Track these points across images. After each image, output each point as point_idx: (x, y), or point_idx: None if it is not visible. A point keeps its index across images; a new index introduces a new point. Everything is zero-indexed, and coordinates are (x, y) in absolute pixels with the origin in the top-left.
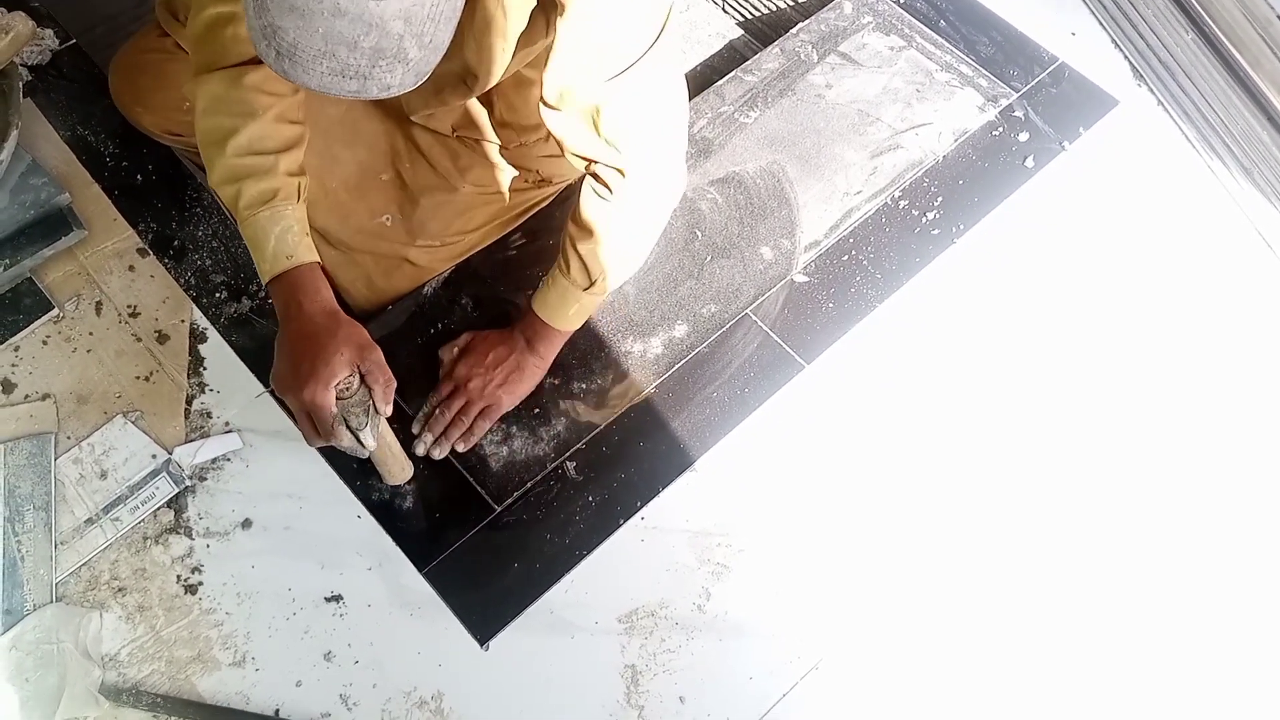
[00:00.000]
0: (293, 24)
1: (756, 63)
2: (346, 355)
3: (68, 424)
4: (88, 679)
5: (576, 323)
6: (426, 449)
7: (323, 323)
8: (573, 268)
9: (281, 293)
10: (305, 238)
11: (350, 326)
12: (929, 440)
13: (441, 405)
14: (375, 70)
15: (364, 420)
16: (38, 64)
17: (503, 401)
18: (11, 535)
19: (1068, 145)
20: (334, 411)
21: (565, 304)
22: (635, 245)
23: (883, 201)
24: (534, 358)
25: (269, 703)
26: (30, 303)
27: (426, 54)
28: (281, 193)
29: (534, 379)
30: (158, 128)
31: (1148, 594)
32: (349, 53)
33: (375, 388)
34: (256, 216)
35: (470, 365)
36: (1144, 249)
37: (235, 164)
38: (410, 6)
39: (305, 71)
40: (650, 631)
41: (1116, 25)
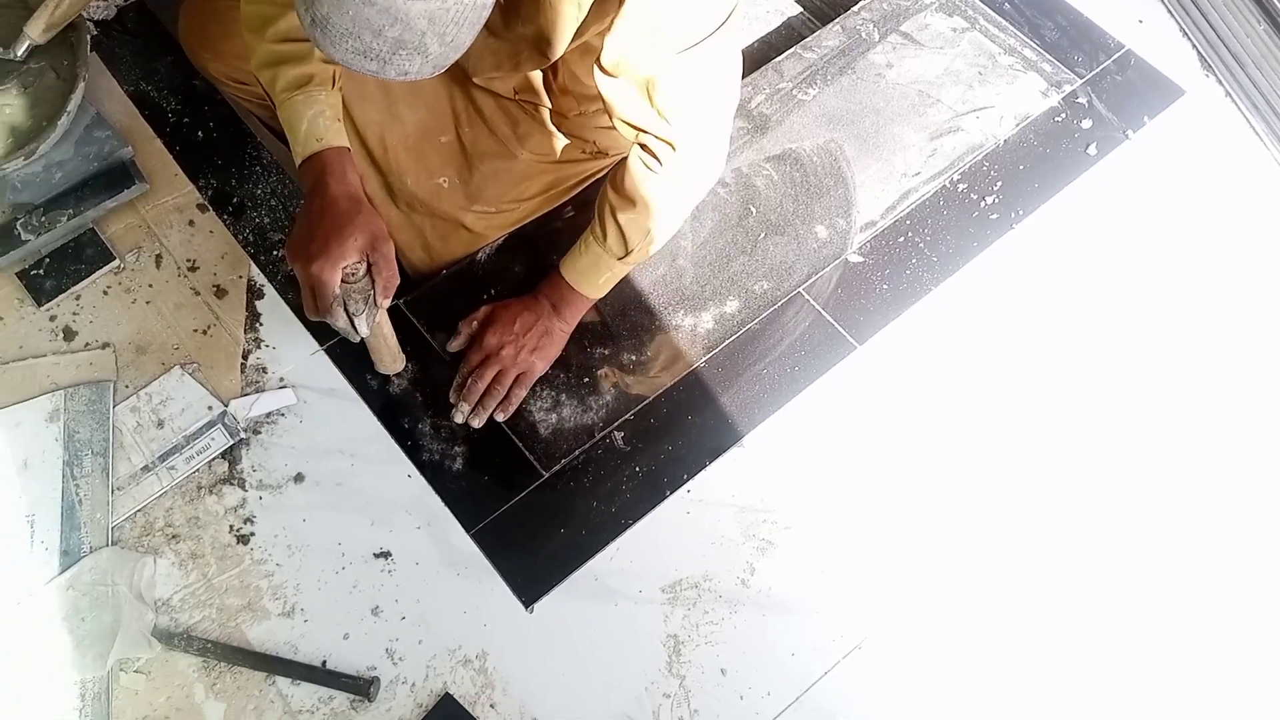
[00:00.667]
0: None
1: (817, 40)
2: (360, 241)
3: (126, 373)
4: (141, 622)
5: (604, 290)
6: (465, 417)
7: (345, 206)
8: (609, 236)
9: (310, 172)
10: (337, 123)
11: (370, 215)
12: (978, 425)
13: (475, 374)
14: (395, 58)
15: (361, 308)
16: (103, 19)
17: (535, 366)
18: (70, 479)
19: (1131, 134)
20: (336, 292)
21: (597, 271)
22: (674, 219)
23: (941, 184)
24: (560, 322)
25: (316, 653)
26: (92, 253)
27: (446, 50)
28: (316, 78)
29: (561, 343)
30: (223, 75)
31: (1194, 583)
32: (373, 38)
33: (378, 279)
34: (292, 100)
35: (499, 333)
36: (1206, 242)
37: (273, 49)
38: (436, 9)
39: (332, 45)
40: (693, 603)
41: (1185, 13)
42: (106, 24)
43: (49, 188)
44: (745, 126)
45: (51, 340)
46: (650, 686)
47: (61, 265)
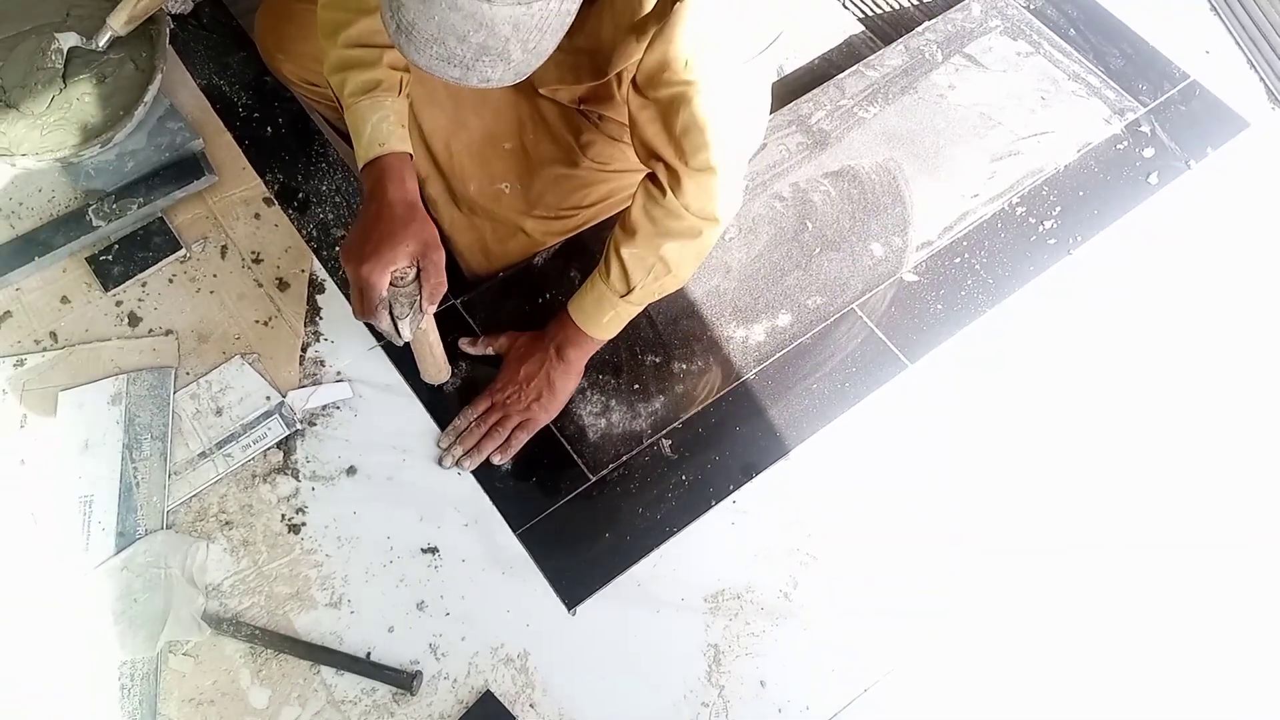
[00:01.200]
0: (414, 5)
1: (880, 58)
2: (411, 247)
3: (188, 360)
4: (192, 605)
5: (610, 331)
6: (455, 461)
7: (400, 211)
8: (612, 272)
9: (371, 176)
10: (400, 129)
11: (424, 223)
12: (1028, 449)
13: (478, 420)
14: (478, 64)
15: (406, 311)
16: (180, 13)
17: (539, 418)
18: (129, 461)
19: (1194, 164)
20: (383, 295)
21: (600, 310)
22: (679, 258)
23: (999, 206)
24: (562, 365)
25: (361, 645)
26: (160, 241)
27: (529, 58)
28: (384, 84)
29: (566, 389)
30: (296, 76)
31: (1242, 635)
32: (457, 43)
33: (426, 285)
34: (358, 104)
35: (504, 380)
36: (1265, 276)
37: (344, 54)
38: (521, 15)
39: (416, 50)
40: (735, 614)
41: (1254, 45)
42: (183, 19)
43: (121, 176)
44: (804, 142)
45: (117, 325)
46: (689, 695)
47: (129, 252)
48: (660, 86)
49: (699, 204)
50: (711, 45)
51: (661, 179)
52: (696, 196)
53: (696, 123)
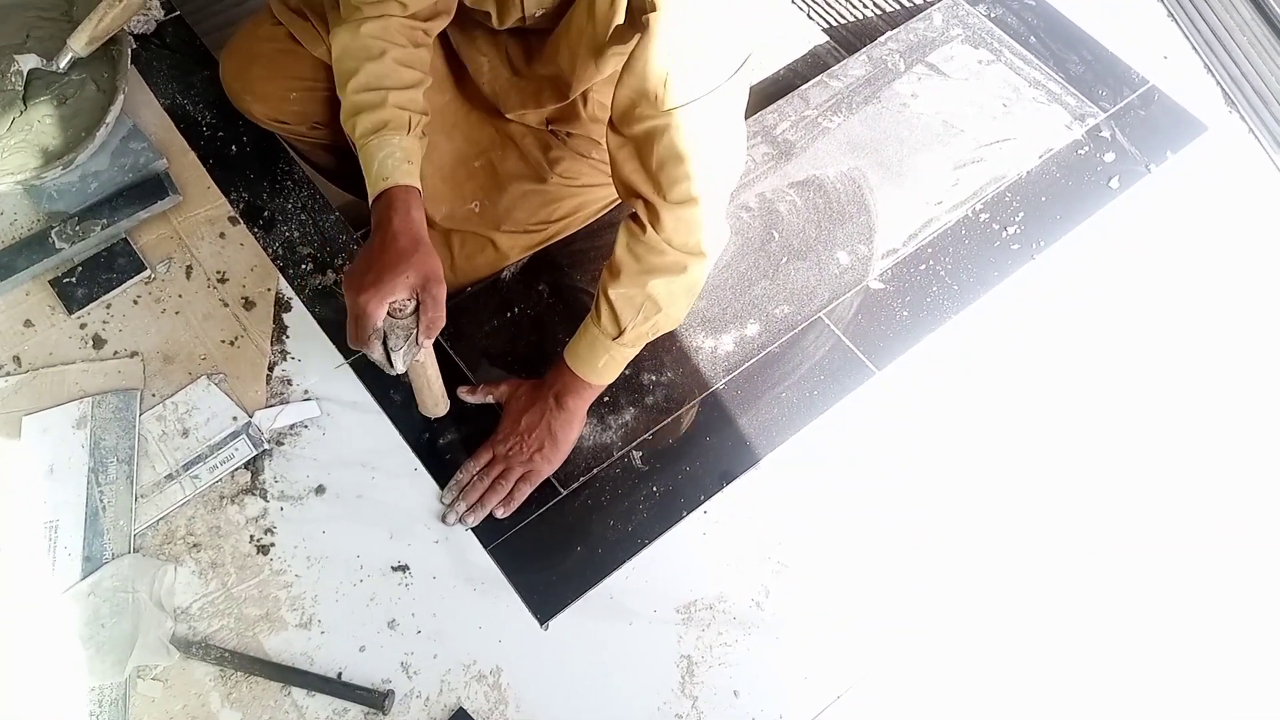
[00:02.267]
0: None
1: (843, 68)
2: (411, 280)
3: (153, 382)
4: (160, 629)
5: (608, 376)
6: (458, 518)
7: (404, 243)
8: (603, 314)
9: (378, 210)
10: (407, 164)
11: (428, 255)
12: (996, 453)
13: (481, 474)
14: None
15: (401, 344)
16: (143, 33)
17: (541, 469)
18: (95, 485)
19: (1154, 168)
20: (378, 325)
21: (595, 355)
22: (666, 296)
23: (963, 213)
24: (563, 414)
25: (332, 665)
26: (124, 262)
27: None
28: (391, 124)
29: (568, 437)
30: (266, 117)
31: (1232, 624)
32: None
33: (424, 318)
34: (367, 144)
35: (506, 432)
36: (1227, 277)
37: (355, 100)
38: None
39: None
40: (708, 624)
41: (1210, 50)
42: (145, 38)
43: (84, 197)
44: (770, 153)
45: (81, 348)
46: (663, 707)
47: (93, 274)
48: (634, 122)
49: (680, 238)
50: (679, 76)
51: (641, 215)
52: (677, 231)
53: (672, 155)
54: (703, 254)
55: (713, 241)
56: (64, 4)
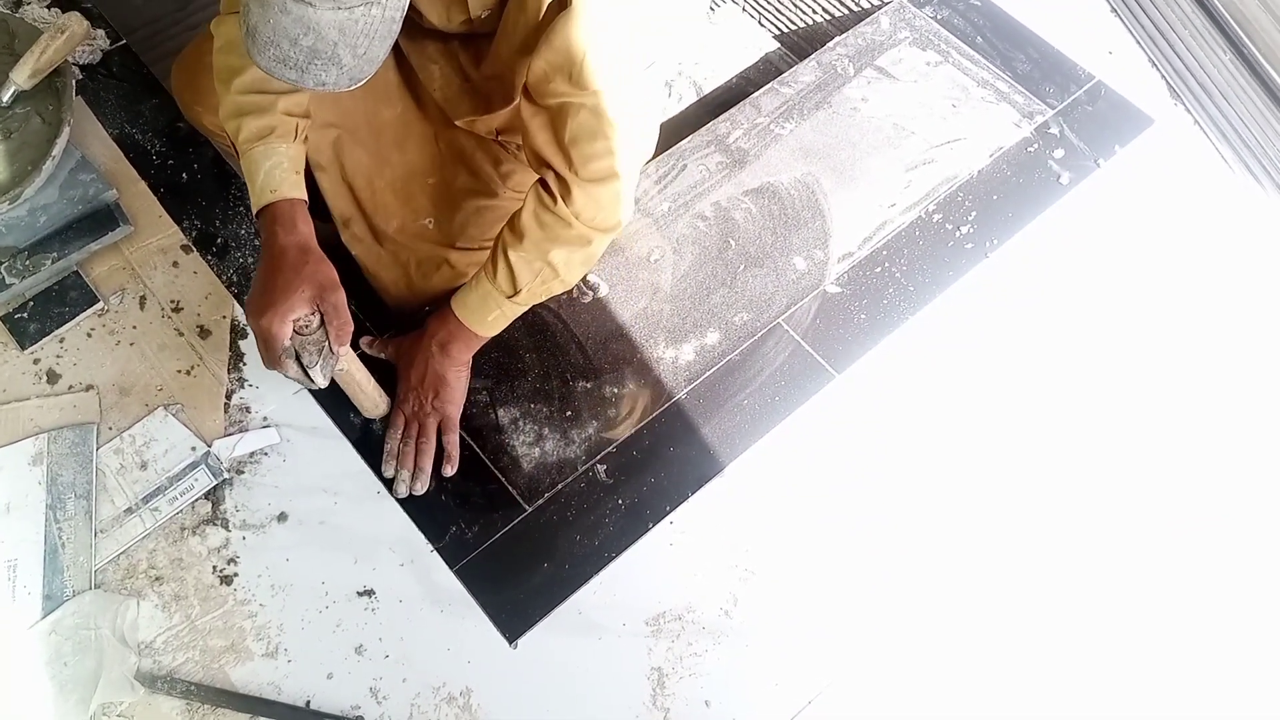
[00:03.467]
0: (257, 10)
1: (793, 75)
2: (308, 293)
3: (110, 415)
4: (124, 665)
5: (494, 329)
6: (408, 486)
7: (293, 257)
8: (499, 273)
9: (265, 224)
10: (294, 175)
11: (318, 264)
12: (957, 452)
13: (403, 439)
14: (311, 67)
15: (315, 359)
16: (89, 63)
17: (449, 411)
18: (53, 522)
19: (1103, 163)
20: (286, 344)
21: (485, 308)
22: (567, 263)
23: (916, 215)
24: (450, 362)
25: (300, 694)
26: (76, 296)
27: (360, 64)
28: (278, 130)
29: (460, 380)
30: (216, 127)
31: (1174, 616)
32: (290, 46)
33: (330, 328)
34: (252, 151)
35: (404, 391)
36: (1178, 268)
37: (238, 100)
38: (345, 20)
39: (258, 53)
40: (677, 635)
41: (1154, 45)
42: (91, 68)
43: (33, 231)
44: (724, 161)
45: (35, 383)
46: None
47: (45, 308)
48: (548, 95)
49: (589, 214)
50: (597, 57)
51: (552, 187)
52: (586, 206)
53: (585, 133)
54: (608, 230)
55: (619, 219)
56: (5, 38)
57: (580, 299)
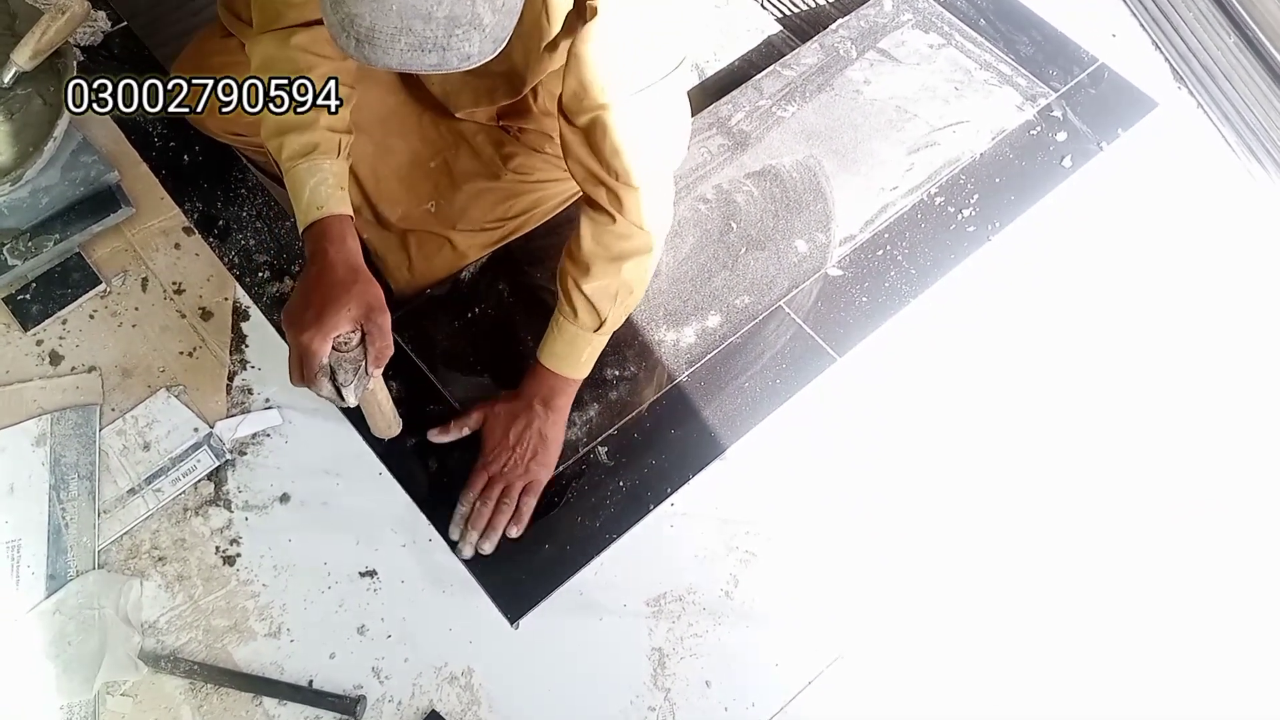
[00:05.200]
0: (367, 8)
1: (795, 57)
2: (354, 312)
3: (112, 396)
4: (127, 644)
5: (589, 367)
6: (474, 548)
7: (342, 274)
8: (580, 310)
9: (312, 240)
10: (340, 191)
11: (367, 284)
12: (958, 435)
13: (481, 498)
14: (452, 40)
15: (350, 378)
16: (90, 45)
17: (540, 475)
18: (56, 502)
19: (1106, 146)
20: (324, 362)
21: (576, 350)
22: (638, 275)
23: (919, 198)
24: (552, 415)
25: (303, 673)
26: (78, 277)
27: (501, 18)
28: (321, 147)
29: (558, 440)
30: (221, 129)
31: (1174, 593)
32: (424, 25)
33: (371, 349)
34: (296, 168)
35: (495, 451)
36: (1181, 252)
37: (283, 118)
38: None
39: (385, 52)
40: (678, 616)
41: (1157, 27)
42: (93, 50)
43: (35, 213)
44: (725, 144)
45: (38, 365)
46: (635, 700)
47: (48, 290)
48: (583, 113)
49: (647, 217)
50: (625, 64)
51: (603, 202)
52: (643, 210)
53: (626, 141)
54: (663, 230)
55: (668, 215)
56: (6, 18)
57: None
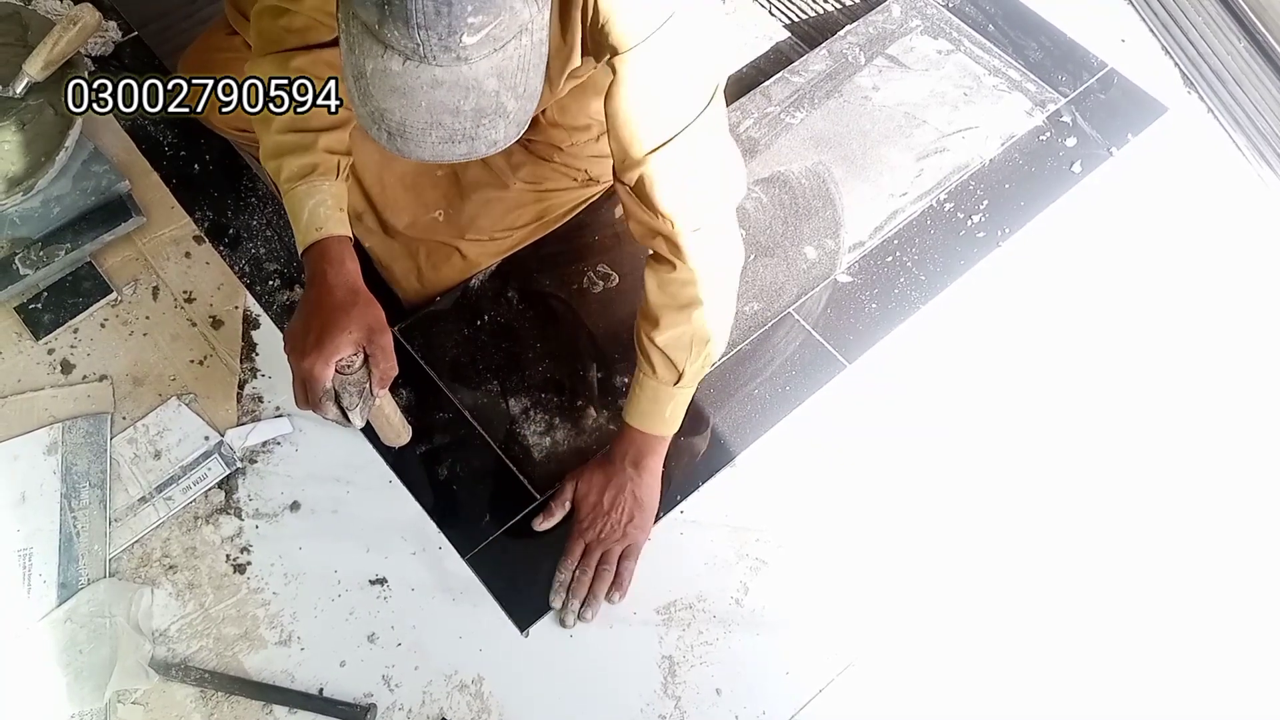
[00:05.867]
0: (397, 104)
1: (804, 64)
2: (355, 335)
3: (123, 405)
4: (138, 653)
5: (676, 424)
6: (577, 616)
7: (341, 296)
8: (657, 365)
9: (311, 262)
10: (339, 212)
11: (367, 305)
12: (968, 442)
13: (580, 567)
14: (480, 130)
15: (355, 401)
16: (101, 55)
17: (638, 539)
18: (68, 511)
19: (1115, 151)
20: (327, 386)
21: (659, 406)
22: (712, 319)
23: (928, 204)
24: (645, 476)
25: (313, 682)
26: (89, 286)
27: (523, 103)
28: (320, 168)
29: (654, 500)
30: (227, 125)
31: (1188, 593)
32: (453, 119)
33: (375, 370)
34: (295, 190)
35: (590, 517)
36: (1191, 258)
37: (279, 140)
38: (500, 62)
39: (417, 145)
40: (688, 624)
41: (1167, 32)
42: (104, 60)
43: (47, 222)
44: None
45: (49, 373)
46: (646, 708)
47: (59, 299)
48: (629, 170)
49: (708, 259)
50: (660, 115)
51: (663, 252)
52: (701, 254)
53: (673, 187)
54: (728, 269)
55: (735, 253)
56: (18, 29)
57: (591, 289)
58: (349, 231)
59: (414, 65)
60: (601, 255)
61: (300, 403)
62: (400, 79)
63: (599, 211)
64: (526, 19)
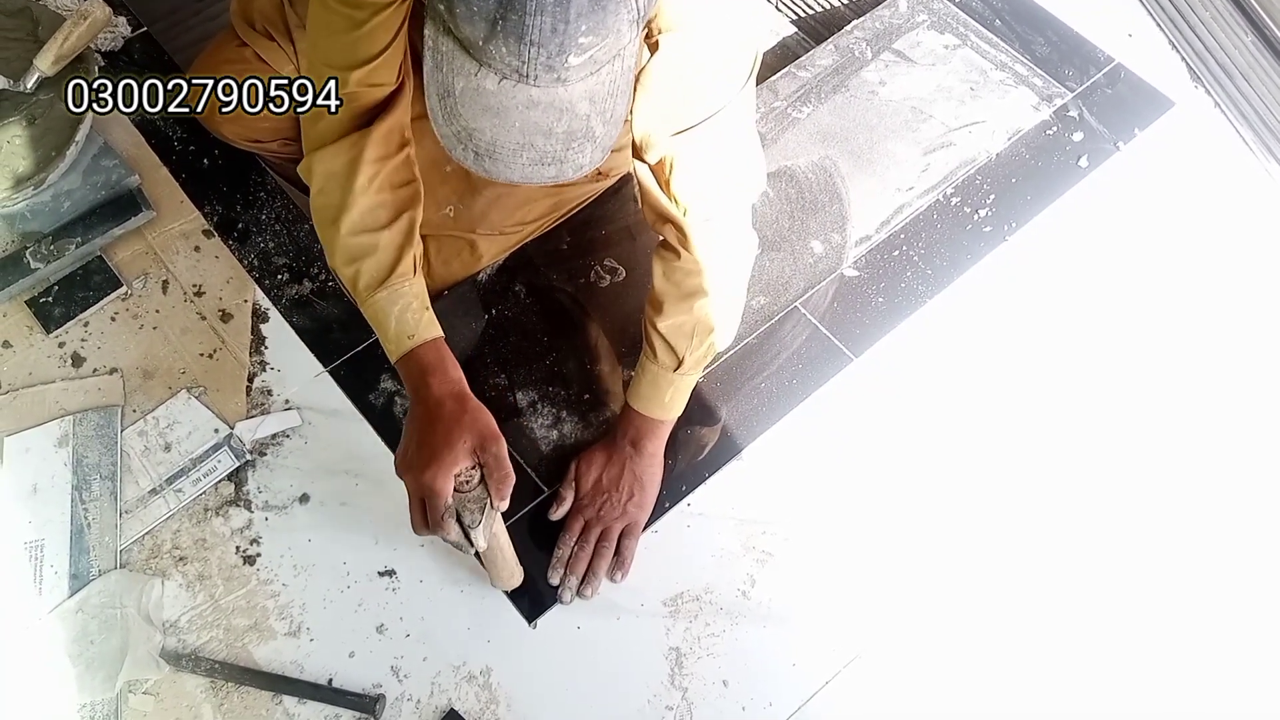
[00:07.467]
0: (489, 124)
1: (810, 59)
2: (469, 444)
3: (134, 398)
4: (149, 643)
5: (676, 409)
6: (575, 593)
7: (450, 407)
8: (658, 350)
9: (409, 372)
10: (426, 312)
11: (477, 413)
12: (975, 436)
13: (579, 543)
14: (569, 152)
15: (478, 518)
16: (110, 50)
17: (638, 517)
18: (79, 503)
19: (1122, 146)
20: (449, 501)
21: (659, 391)
22: (713, 314)
23: (935, 198)
24: (645, 459)
25: (322, 672)
26: (100, 280)
27: (609, 129)
28: (398, 269)
29: (655, 480)
30: (238, 136)
31: (1191, 596)
32: (545, 140)
33: (491, 481)
34: (375, 298)
35: (590, 495)
36: (1198, 252)
37: (350, 244)
38: (593, 86)
39: (507, 166)
40: (695, 615)
41: (1174, 26)
42: (114, 55)
43: (57, 216)
44: None
45: (60, 367)
46: (653, 699)
47: (70, 293)
48: (652, 149)
49: (712, 253)
50: (692, 94)
51: (672, 240)
52: (708, 246)
53: (693, 174)
54: (738, 263)
55: (744, 249)
56: (29, 24)
57: (599, 283)
58: (440, 331)
59: (510, 84)
60: (609, 250)
61: (419, 526)
62: (495, 98)
63: (607, 206)
64: (625, 42)
